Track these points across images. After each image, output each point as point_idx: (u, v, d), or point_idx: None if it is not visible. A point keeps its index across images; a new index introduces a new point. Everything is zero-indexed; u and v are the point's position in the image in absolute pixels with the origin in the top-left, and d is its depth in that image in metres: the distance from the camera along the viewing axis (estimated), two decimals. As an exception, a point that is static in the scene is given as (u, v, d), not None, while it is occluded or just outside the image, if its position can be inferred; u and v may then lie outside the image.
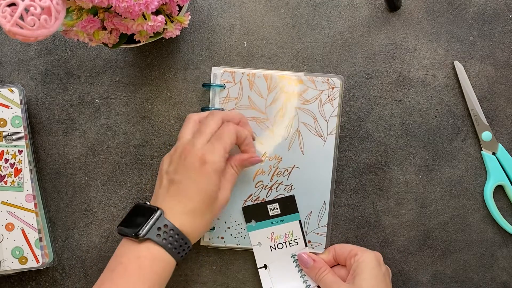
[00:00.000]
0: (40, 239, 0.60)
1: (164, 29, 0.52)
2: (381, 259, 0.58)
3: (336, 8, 0.62)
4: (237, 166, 0.56)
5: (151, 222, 0.51)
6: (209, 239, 0.60)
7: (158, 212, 0.51)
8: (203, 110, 0.61)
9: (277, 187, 0.60)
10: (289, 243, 0.60)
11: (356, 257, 0.57)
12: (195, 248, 0.62)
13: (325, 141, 0.60)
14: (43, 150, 0.63)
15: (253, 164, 0.58)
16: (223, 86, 0.60)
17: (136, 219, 0.52)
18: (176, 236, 0.51)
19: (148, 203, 0.54)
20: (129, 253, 0.51)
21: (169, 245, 0.51)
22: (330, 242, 0.62)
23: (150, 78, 0.63)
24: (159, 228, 0.50)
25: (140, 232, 0.50)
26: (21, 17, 0.41)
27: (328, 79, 0.60)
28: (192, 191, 0.52)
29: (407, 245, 0.62)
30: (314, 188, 0.60)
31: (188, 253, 0.53)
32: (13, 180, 0.59)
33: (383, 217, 0.62)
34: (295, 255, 0.60)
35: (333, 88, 0.60)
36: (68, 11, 0.49)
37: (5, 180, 0.59)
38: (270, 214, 0.60)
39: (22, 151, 0.60)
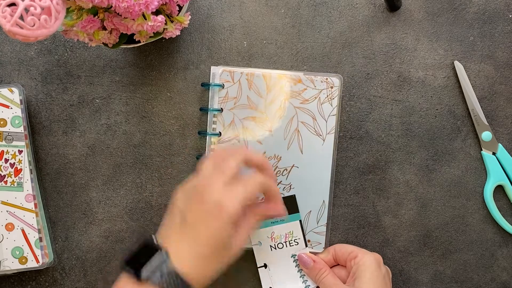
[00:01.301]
0: (40, 239, 0.60)
1: (164, 29, 0.52)
2: (381, 261, 0.58)
3: (336, 8, 0.62)
4: (260, 217, 0.53)
5: (154, 264, 0.47)
6: None
7: (161, 255, 0.48)
8: (201, 110, 0.61)
9: None
10: (289, 243, 0.60)
11: (356, 259, 0.57)
12: (195, 248, 0.62)
13: (324, 140, 0.60)
14: (43, 150, 0.63)
15: (277, 217, 0.57)
16: (222, 86, 0.60)
17: (140, 256, 0.49)
18: (179, 282, 0.47)
19: (155, 238, 0.51)
20: None
21: None
22: (329, 242, 0.62)
23: (150, 78, 0.63)
24: (162, 273, 0.47)
25: (142, 275, 0.47)
26: (21, 17, 0.41)
27: (327, 79, 0.60)
28: (204, 236, 0.49)
29: (407, 245, 0.62)
30: (313, 187, 0.60)
31: None
32: (13, 180, 0.59)
33: (383, 217, 0.62)
34: (295, 255, 0.60)
35: (332, 87, 0.60)
36: (68, 11, 0.49)
37: (5, 180, 0.59)
38: None
39: (22, 151, 0.60)
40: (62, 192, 0.63)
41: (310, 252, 0.60)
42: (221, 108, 0.60)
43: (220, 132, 0.61)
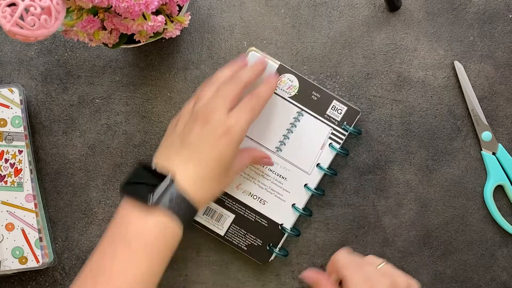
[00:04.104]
0: (40, 239, 0.60)
1: (164, 29, 0.52)
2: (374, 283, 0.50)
3: (336, 8, 0.62)
4: (252, 162, 0.57)
5: (162, 189, 0.47)
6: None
7: (170, 179, 0.47)
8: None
9: None
10: None
11: (345, 283, 0.51)
12: (195, 248, 0.62)
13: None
14: (43, 150, 0.63)
15: (264, 164, 0.59)
16: None
17: (145, 182, 0.48)
18: (187, 204, 0.47)
19: (155, 164, 0.50)
20: (134, 225, 0.47)
21: (179, 215, 0.47)
22: (329, 242, 0.62)
23: (150, 78, 0.63)
24: (171, 197, 0.47)
25: (151, 199, 0.46)
26: (21, 17, 0.41)
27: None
28: (208, 158, 0.49)
29: (407, 245, 0.62)
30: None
31: (192, 220, 0.50)
32: (13, 180, 0.59)
33: (383, 217, 0.62)
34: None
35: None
36: (68, 11, 0.49)
37: (5, 180, 0.59)
38: None
39: (22, 151, 0.60)
40: (62, 192, 0.63)
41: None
42: None
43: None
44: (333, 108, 0.60)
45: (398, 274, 0.53)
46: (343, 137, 0.60)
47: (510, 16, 0.62)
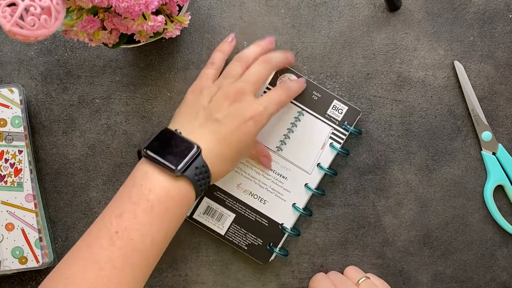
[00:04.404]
0: (40, 239, 0.60)
1: (164, 29, 0.52)
2: None
3: (336, 8, 0.62)
4: (256, 155, 0.58)
5: (189, 159, 0.48)
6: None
7: (197, 150, 0.49)
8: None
9: None
10: None
11: None
12: (195, 248, 0.62)
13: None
14: (43, 150, 0.63)
15: (261, 164, 0.60)
16: None
17: (170, 149, 0.48)
18: (207, 178, 0.49)
19: (180, 133, 0.50)
20: (159, 189, 0.47)
21: (199, 186, 0.49)
22: (329, 242, 0.62)
23: (150, 78, 0.63)
24: (196, 168, 0.48)
25: (178, 167, 0.47)
26: (21, 17, 0.41)
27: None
28: (232, 138, 0.51)
29: (407, 245, 0.62)
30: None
31: None
32: (13, 180, 0.59)
33: (383, 217, 0.62)
34: None
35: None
36: (68, 11, 0.49)
37: (5, 180, 0.59)
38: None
39: (22, 151, 0.60)
40: (62, 192, 0.63)
41: None
42: None
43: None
44: (333, 108, 0.60)
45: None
46: (344, 137, 0.60)
47: (510, 16, 0.62)
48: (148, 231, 0.46)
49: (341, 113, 0.60)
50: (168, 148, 0.49)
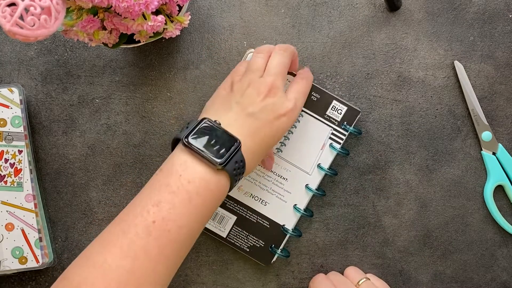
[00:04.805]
0: (40, 239, 0.60)
1: (164, 29, 0.52)
2: None
3: (336, 8, 0.62)
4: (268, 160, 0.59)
5: (230, 153, 0.48)
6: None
7: (239, 144, 0.49)
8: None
9: None
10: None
11: None
12: (195, 248, 0.62)
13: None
14: (43, 150, 0.63)
15: (263, 165, 0.60)
16: None
17: (214, 142, 0.48)
18: (242, 174, 0.50)
19: (219, 122, 0.50)
20: (199, 181, 0.47)
21: (236, 181, 0.49)
22: (329, 242, 0.62)
23: (150, 78, 0.63)
24: (236, 162, 0.48)
25: (220, 160, 0.47)
26: (21, 17, 0.41)
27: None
28: (265, 134, 0.51)
29: (407, 245, 0.62)
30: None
31: None
32: (13, 180, 0.59)
33: (383, 217, 0.62)
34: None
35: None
36: (68, 11, 0.49)
37: (5, 180, 0.59)
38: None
39: (22, 151, 0.60)
40: (62, 192, 0.63)
41: None
42: None
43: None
44: (333, 109, 0.60)
45: None
46: (344, 137, 0.60)
47: (510, 16, 0.62)
48: (185, 222, 0.46)
49: (340, 114, 0.60)
50: (210, 139, 0.48)
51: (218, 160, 0.47)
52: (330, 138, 0.60)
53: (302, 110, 0.60)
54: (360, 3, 0.62)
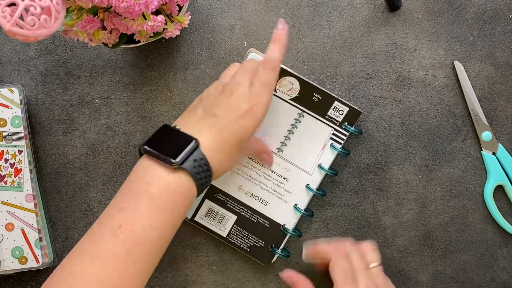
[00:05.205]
0: (40, 239, 0.60)
1: (164, 29, 0.52)
2: (355, 268, 0.54)
3: (336, 8, 0.62)
4: (257, 152, 0.58)
5: (187, 151, 0.48)
6: None
7: (195, 143, 0.49)
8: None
9: None
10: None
11: (329, 268, 0.55)
12: (195, 248, 0.62)
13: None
14: (43, 150, 0.63)
15: (263, 161, 0.60)
16: None
17: (169, 143, 0.49)
18: (207, 171, 0.49)
19: (178, 128, 0.51)
20: (158, 182, 0.47)
21: (200, 179, 0.48)
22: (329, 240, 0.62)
23: (150, 78, 0.63)
24: (195, 160, 0.48)
25: (175, 160, 0.47)
26: (21, 17, 0.41)
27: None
28: (230, 131, 0.50)
29: (407, 245, 0.62)
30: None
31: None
32: (13, 180, 0.59)
33: (383, 217, 0.62)
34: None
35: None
36: (68, 11, 0.49)
37: (5, 180, 0.59)
38: None
39: (22, 151, 0.60)
40: (62, 192, 0.63)
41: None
42: None
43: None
44: (334, 109, 0.60)
45: (385, 284, 0.55)
46: (344, 137, 0.60)
47: (510, 16, 0.62)
48: (151, 223, 0.46)
49: (341, 114, 0.60)
50: (166, 142, 0.49)
51: (173, 160, 0.47)
52: (331, 138, 0.60)
53: (303, 111, 0.60)
54: (360, 3, 0.62)
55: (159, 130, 0.51)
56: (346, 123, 0.60)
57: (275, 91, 0.58)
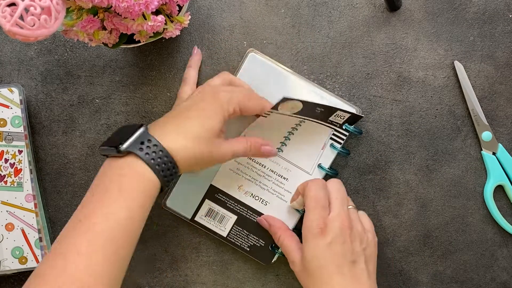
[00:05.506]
0: (40, 239, 0.60)
1: (164, 29, 0.52)
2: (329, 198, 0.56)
3: (336, 8, 0.62)
4: (251, 148, 0.55)
5: (134, 137, 0.48)
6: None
7: (142, 128, 0.49)
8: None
9: None
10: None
11: (304, 196, 0.57)
12: (195, 248, 0.62)
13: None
14: (43, 150, 0.63)
15: (266, 155, 0.57)
16: None
17: (119, 135, 0.50)
18: (161, 153, 0.48)
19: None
20: (110, 171, 0.48)
21: (152, 161, 0.47)
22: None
23: (150, 78, 0.63)
24: (142, 143, 0.48)
25: (120, 145, 0.47)
26: (21, 17, 0.41)
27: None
28: (192, 115, 0.51)
29: (407, 245, 0.62)
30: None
31: (173, 178, 0.50)
32: (13, 180, 0.59)
33: (383, 217, 0.62)
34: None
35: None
36: (68, 11, 0.49)
37: (5, 180, 0.59)
38: None
39: (22, 151, 0.60)
40: (62, 192, 0.63)
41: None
42: None
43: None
44: (336, 116, 0.59)
45: (359, 220, 0.56)
46: (344, 137, 0.60)
47: (510, 16, 0.62)
48: (107, 211, 0.46)
49: (343, 119, 0.59)
50: (117, 137, 0.50)
51: (120, 147, 0.48)
52: (331, 138, 0.60)
53: (304, 119, 0.59)
54: (360, 3, 0.62)
55: (118, 128, 0.54)
56: (346, 123, 0.60)
57: (276, 109, 0.56)
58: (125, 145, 0.48)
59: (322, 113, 0.58)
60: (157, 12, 0.51)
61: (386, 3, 0.61)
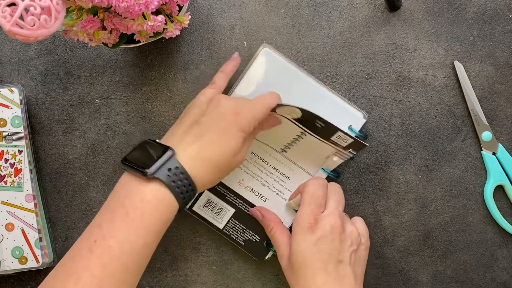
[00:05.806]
0: (40, 239, 0.60)
1: (164, 29, 0.52)
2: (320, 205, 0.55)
3: (336, 8, 0.62)
4: (257, 128, 0.55)
5: (161, 161, 0.47)
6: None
7: (170, 152, 0.48)
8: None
9: None
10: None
11: (301, 193, 0.56)
12: (195, 248, 0.62)
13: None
14: (43, 150, 0.63)
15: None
16: None
17: (145, 155, 0.49)
18: (185, 181, 0.48)
19: (158, 141, 0.51)
20: (132, 195, 0.47)
21: (177, 189, 0.47)
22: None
23: (150, 78, 0.63)
24: (169, 169, 0.47)
25: (148, 169, 0.47)
26: (21, 17, 0.41)
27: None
28: (214, 140, 0.50)
29: (407, 245, 0.62)
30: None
31: (191, 200, 0.50)
32: (13, 180, 0.59)
33: (383, 217, 0.62)
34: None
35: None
36: (68, 11, 0.49)
37: (5, 180, 0.59)
38: None
39: (22, 151, 0.60)
40: (62, 192, 0.63)
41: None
42: None
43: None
44: (338, 137, 0.57)
45: (353, 223, 0.56)
46: (349, 157, 0.59)
47: (510, 16, 0.62)
48: (126, 237, 0.46)
49: (345, 142, 0.57)
50: (142, 154, 0.49)
51: (146, 170, 0.47)
52: (335, 153, 0.60)
53: (305, 131, 0.59)
54: (360, 3, 0.62)
55: (138, 144, 0.52)
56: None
57: (275, 111, 0.56)
58: (152, 169, 0.47)
59: (323, 130, 0.57)
60: (157, 12, 0.51)
61: (386, 3, 0.61)
